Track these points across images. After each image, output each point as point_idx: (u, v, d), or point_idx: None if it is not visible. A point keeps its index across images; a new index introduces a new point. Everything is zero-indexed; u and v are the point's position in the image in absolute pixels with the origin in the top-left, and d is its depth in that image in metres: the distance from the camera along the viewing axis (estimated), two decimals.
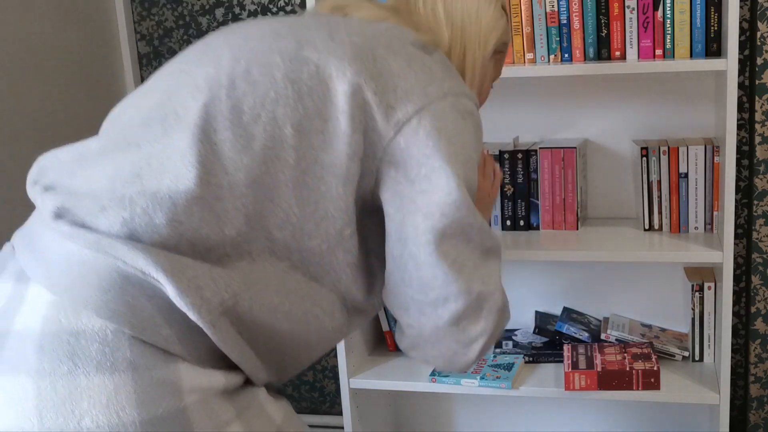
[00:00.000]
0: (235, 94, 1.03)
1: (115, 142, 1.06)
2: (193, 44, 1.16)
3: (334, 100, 1.02)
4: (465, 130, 1.07)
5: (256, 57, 1.06)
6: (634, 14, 1.87)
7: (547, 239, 2.00)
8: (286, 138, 1.01)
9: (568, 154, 2.00)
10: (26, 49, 2.09)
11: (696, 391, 1.92)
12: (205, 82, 1.05)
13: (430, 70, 1.08)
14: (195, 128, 1.01)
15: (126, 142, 1.05)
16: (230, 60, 1.06)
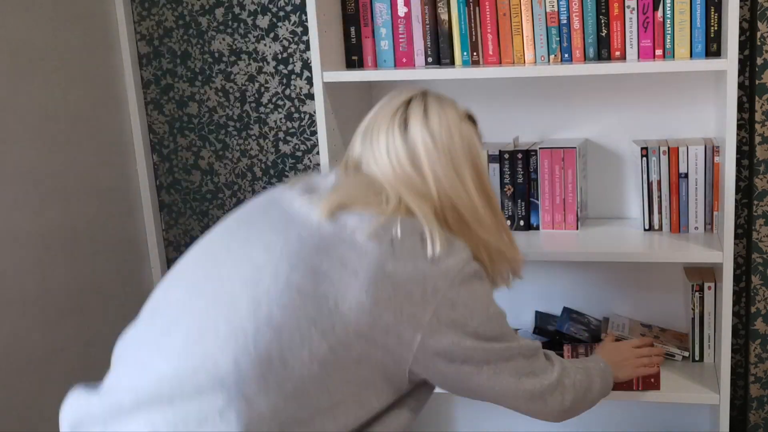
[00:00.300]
0: (261, 343, 1.12)
1: (148, 396, 1.14)
2: (195, 249, 1.29)
3: (356, 330, 1.14)
4: (476, 298, 1.25)
5: (276, 298, 1.15)
6: (634, 14, 1.88)
7: (547, 239, 2.00)
8: (315, 374, 1.12)
9: (568, 154, 2.00)
10: (26, 49, 2.09)
11: (696, 391, 1.92)
12: (228, 328, 1.14)
13: (438, 263, 1.21)
14: (229, 387, 1.10)
15: (158, 395, 1.13)
16: (249, 303, 1.15)
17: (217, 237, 1.31)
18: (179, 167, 2.50)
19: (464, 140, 1.33)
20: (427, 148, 1.29)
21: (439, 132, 1.31)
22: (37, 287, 2.13)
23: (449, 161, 1.30)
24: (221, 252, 1.27)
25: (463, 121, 1.36)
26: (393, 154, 1.30)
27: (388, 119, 1.33)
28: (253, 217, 1.31)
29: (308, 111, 2.36)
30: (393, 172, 1.29)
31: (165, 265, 2.57)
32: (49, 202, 2.17)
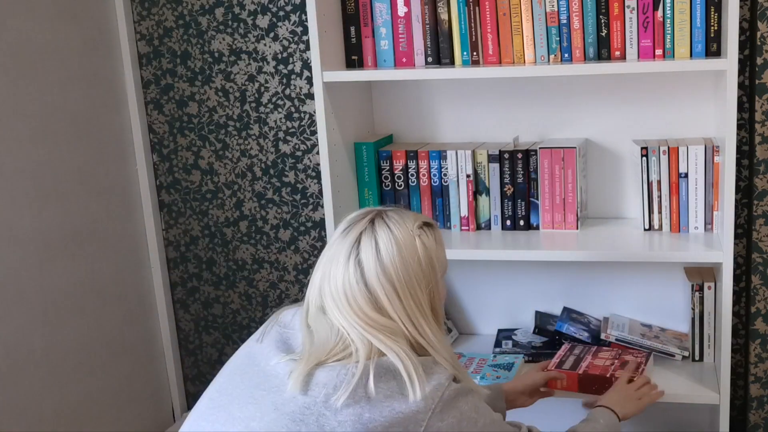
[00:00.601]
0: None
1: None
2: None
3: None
4: (462, 418, 1.29)
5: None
6: (634, 14, 1.87)
7: (547, 239, 2.00)
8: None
9: (568, 154, 2.00)
10: (26, 49, 2.09)
11: (696, 391, 1.92)
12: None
13: (415, 397, 1.25)
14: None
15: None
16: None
17: (207, 410, 1.36)
18: (179, 167, 2.50)
19: (421, 263, 1.36)
20: (387, 292, 1.32)
21: (395, 269, 1.33)
22: (37, 287, 2.13)
23: (410, 298, 1.34)
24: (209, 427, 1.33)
25: (417, 237, 1.37)
26: (354, 304, 1.32)
27: (342, 264, 1.34)
28: (232, 386, 1.36)
29: (308, 111, 2.36)
30: (359, 320, 1.32)
31: (165, 265, 2.57)
32: (49, 202, 2.17)
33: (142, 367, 2.53)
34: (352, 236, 1.36)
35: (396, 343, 1.30)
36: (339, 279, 1.34)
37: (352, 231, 1.37)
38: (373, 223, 1.37)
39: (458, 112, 2.21)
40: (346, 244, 1.36)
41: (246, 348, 1.42)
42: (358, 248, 1.35)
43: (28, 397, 2.09)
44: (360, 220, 1.39)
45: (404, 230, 1.37)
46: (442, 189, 2.09)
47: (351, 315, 1.32)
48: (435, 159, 2.08)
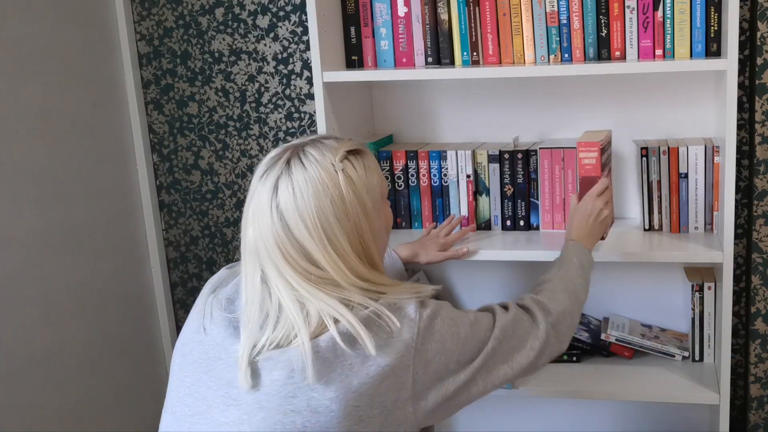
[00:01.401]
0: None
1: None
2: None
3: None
4: (443, 339, 1.26)
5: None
6: (634, 14, 1.87)
7: (547, 239, 2.00)
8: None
9: (568, 154, 2.00)
10: (26, 49, 2.09)
11: (696, 391, 1.92)
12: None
13: (389, 347, 1.22)
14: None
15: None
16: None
17: (187, 417, 1.29)
18: (179, 167, 2.50)
19: (345, 200, 1.26)
20: (315, 242, 1.23)
21: (315, 215, 1.23)
22: (37, 287, 2.13)
23: (338, 243, 1.25)
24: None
25: (341, 172, 1.27)
26: (290, 258, 1.23)
27: (267, 215, 1.24)
28: (204, 387, 1.27)
29: (308, 111, 2.36)
30: (300, 277, 1.24)
31: (165, 265, 2.57)
32: (49, 202, 2.17)
33: (142, 367, 2.53)
34: (270, 182, 1.26)
35: (342, 299, 1.23)
36: (268, 232, 1.24)
37: (270, 175, 1.26)
38: (288, 164, 1.26)
39: (458, 112, 2.21)
40: (265, 191, 1.26)
41: (196, 338, 1.31)
42: (277, 195, 1.24)
43: (28, 397, 2.09)
44: (276, 162, 1.28)
45: (324, 167, 1.26)
46: (442, 189, 2.09)
47: (291, 272, 1.23)
48: (435, 159, 2.08)
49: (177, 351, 1.34)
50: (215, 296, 1.34)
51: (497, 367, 1.32)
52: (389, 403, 1.21)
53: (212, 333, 1.29)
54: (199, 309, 1.34)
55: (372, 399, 1.20)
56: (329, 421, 1.18)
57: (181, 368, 1.31)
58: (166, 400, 1.33)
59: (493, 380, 1.32)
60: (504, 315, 1.38)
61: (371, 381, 1.19)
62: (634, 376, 2.01)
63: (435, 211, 2.11)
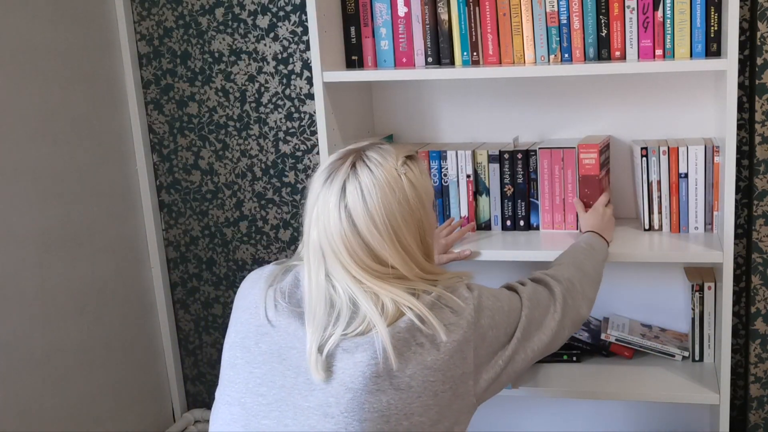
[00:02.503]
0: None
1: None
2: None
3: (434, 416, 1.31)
4: (494, 314, 1.38)
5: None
6: (634, 14, 1.87)
7: (547, 239, 2.00)
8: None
9: (567, 154, 2.00)
10: (26, 49, 2.09)
11: (696, 391, 1.92)
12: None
13: (466, 326, 1.33)
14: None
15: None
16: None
17: (264, 408, 1.32)
18: (179, 167, 2.50)
19: (410, 201, 1.34)
20: (381, 240, 1.31)
21: (384, 214, 1.31)
22: (37, 287, 2.13)
23: (403, 240, 1.33)
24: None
25: (403, 175, 1.34)
26: (356, 257, 1.31)
27: (335, 216, 1.31)
28: (283, 379, 1.31)
29: (308, 111, 2.36)
30: (367, 274, 1.31)
31: (165, 265, 2.57)
32: (49, 202, 2.17)
33: (142, 367, 2.53)
34: (337, 185, 1.32)
35: (408, 289, 1.32)
36: (335, 233, 1.31)
37: (336, 179, 1.33)
38: (354, 167, 1.33)
39: (458, 112, 2.21)
40: (332, 194, 1.32)
41: (261, 331, 1.34)
42: (345, 197, 1.31)
43: (28, 397, 2.09)
44: (340, 166, 1.34)
45: (388, 170, 1.33)
46: (443, 189, 2.09)
47: (357, 269, 1.30)
48: (435, 159, 2.08)
49: (237, 345, 1.36)
50: (275, 290, 1.37)
51: (533, 335, 1.44)
52: (456, 377, 1.30)
53: (281, 324, 1.33)
54: (256, 302, 1.37)
55: (444, 374, 1.29)
56: (410, 397, 1.26)
57: (248, 361, 1.33)
58: (228, 394, 1.35)
59: (532, 347, 1.44)
60: (525, 288, 1.50)
61: (442, 357, 1.28)
62: (634, 376, 2.01)
63: (435, 211, 2.11)
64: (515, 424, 2.37)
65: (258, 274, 1.43)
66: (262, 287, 1.38)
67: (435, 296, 1.33)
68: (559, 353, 2.09)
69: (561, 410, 2.34)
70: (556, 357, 2.09)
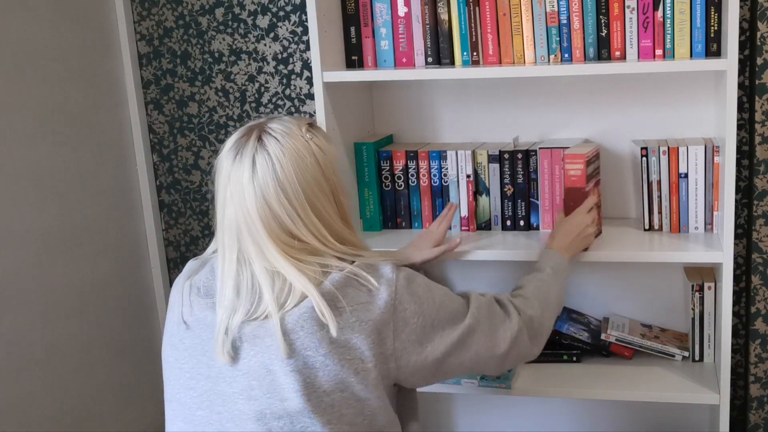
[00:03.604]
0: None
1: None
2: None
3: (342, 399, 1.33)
4: (420, 300, 1.36)
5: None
6: (634, 14, 1.87)
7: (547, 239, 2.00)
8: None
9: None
10: (26, 49, 2.09)
11: (696, 391, 1.92)
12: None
13: (385, 307, 1.32)
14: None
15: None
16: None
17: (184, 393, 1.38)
18: (179, 167, 2.50)
19: (322, 168, 1.34)
20: (295, 213, 1.31)
21: (297, 184, 1.30)
22: (37, 287, 2.13)
23: (319, 210, 1.33)
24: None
25: (311, 141, 1.34)
26: (273, 233, 1.30)
27: (250, 192, 1.30)
28: (200, 366, 1.35)
29: (308, 111, 2.36)
30: (281, 252, 1.30)
31: (165, 265, 2.57)
32: (49, 202, 2.17)
33: (142, 367, 2.53)
34: (248, 160, 1.31)
35: (321, 264, 1.31)
36: (251, 208, 1.30)
37: (245, 155, 1.32)
38: (261, 140, 1.32)
39: (458, 112, 2.21)
40: (244, 170, 1.31)
41: (182, 328, 1.37)
42: (256, 170, 1.30)
43: (28, 397, 2.09)
44: (246, 142, 1.33)
45: (296, 138, 1.33)
46: (442, 189, 2.09)
47: (271, 247, 1.29)
48: (435, 159, 2.08)
49: (166, 344, 1.41)
50: (191, 285, 1.39)
51: (473, 346, 1.41)
52: (376, 356, 1.30)
53: (198, 318, 1.35)
54: (177, 300, 1.41)
55: (362, 353, 1.29)
56: (329, 373, 1.27)
57: (176, 358, 1.37)
58: (167, 392, 1.40)
59: (470, 357, 1.41)
60: (480, 298, 1.47)
61: (357, 336, 1.28)
62: (634, 376, 2.01)
63: (435, 211, 2.11)
64: (515, 424, 2.37)
65: (177, 278, 1.47)
66: (180, 285, 1.41)
67: (349, 271, 1.31)
68: (559, 353, 2.09)
69: (561, 410, 2.34)
70: (556, 357, 2.09)
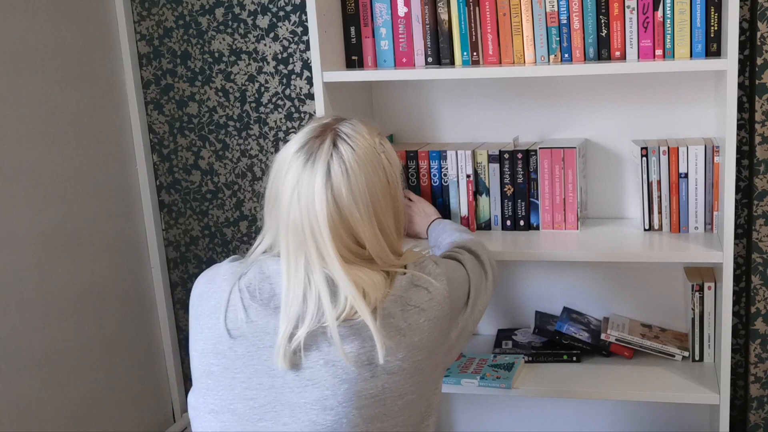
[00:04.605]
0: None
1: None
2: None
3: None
4: (458, 277, 1.45)
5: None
6: (634, 14, 1.87)
7: (547, 239, 2.00)
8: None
9: (568, 154, 2.00)
10: (26, 49, 2.09)
11: (696, 391, 1.92)
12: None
13: (441, 299, 1.36)
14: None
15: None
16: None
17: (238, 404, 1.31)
18: (179, 167, 2.50)
19: (389, 179, 1.34)
20: (368, 223, 1.30)
21: (367, 195, 1.29)
22: (37, 287, 2.13)
23: (382, 221, 1.33)
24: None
25: (382, 154, 1.34)
26: (338, 240, 1.28)
27: (320, 198, 1.27)
28: (260, 375, 1.29)
29: (308, 111, 2.36)
30: (342, 260, 1.28)
31: (165, 265, 2.57)
32: (49, 202, 2.17)
33: (142, 367, 2.53)
34: (321, 165, 1.28)
35: (383, 272, 1.31)
36: (320, 215, 1.27)
37: (318, 159, 1.28)
38: (336, 146, 1.29)
39: (458, 112, 2.21)
40: (317, 175, 1.27)
41: (233, 335, 1.30)
42: (330, 177, 1.27)
43: (28, 397, 2.09)
44: (320, 145, 1.29)
45: (368, 148, 1.31)
46: (443, 189, 2.09)
47: (336, 255, 1.26)
48: (435, 159, 2.08)
49: (209, 352, 1.31)
50: (240, 290, 1.32)
51: (479, 300, 1.48)
52: (436, 349, 1.34)
53: (253, 324, 1.29)
54: (220, 305, 1.32)
55: (428, 351, 1.32)
56: (402, 378, 1.28)
57: (226, 367, 1.30)
58: (211, 403, 1.31)
59: (480, 309, 1.49)
60: (465, 258, 1.52)
61: (426, 335, 1.31)
62: (634, 376, 2.01)
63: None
64: (515, 424, 2.37)
65: (212, 276, 1.38)
66: (225, 289, 1.33)
67: (410, 277, 1.33)
68: (559, 353, 2.09)
69: (561, 410, 2.34)
70: (556, 357, 2.09)
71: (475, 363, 2.08)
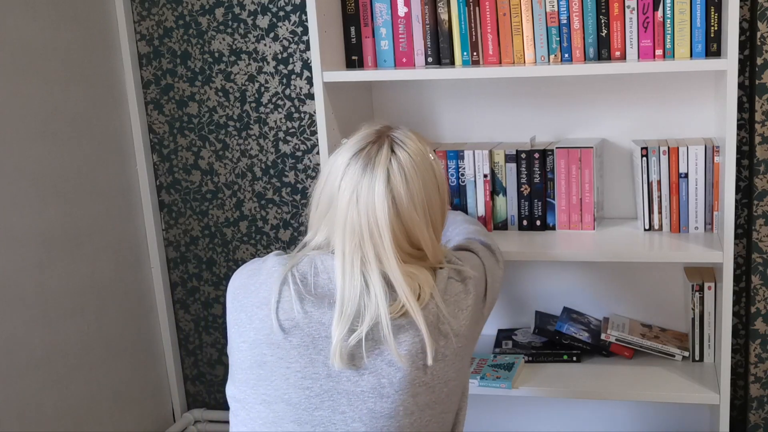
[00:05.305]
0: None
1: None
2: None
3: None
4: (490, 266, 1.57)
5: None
6: (634, 14, 1.88)
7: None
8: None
9: (585, 154, 1.99)
10: (26, 49, 2.09)
11: (696, 391, 1.92)
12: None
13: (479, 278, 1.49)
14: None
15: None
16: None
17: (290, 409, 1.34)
18: (179, 167, 2.50)
19: (438, 187, 1.42)
20: (420, 223, 1.36)
21: (423, 198, 1.36)
22: (37, 287, 2.13)
23: (432, 223, 1.40)
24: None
25: (434, 162, 1.42)
26: (396, 243, 1.33)
27: (381, 203, 1.33)
28: (315, 365, 1.32)
29: (308, 111, 2.36)
30: (398, 261, 1.33)
31: (165, 265, 2.57)
32: (49, 202, 2.17)
33: (142, 367, 2.53)
34: (381, 171, 1.34)
35: (430, 268, 1.39)
36: (381, 218, 1.32)
37: (378, 165, 1.34)
38: (394, 152, 1.36)
39: (458, 112, 2.21)
40: (378, 180, 1.33)
41: (287, 326, 1.32)
42: (390, 183, 1.33)
43: (28, 397, 2.09)
44: (378, 150, 1.35)
45: (423, 155, 1.39)
46: (460, 189, 2.09)
47: (393, 255, 1.32)
48: (452, 159, 2.08)
49: (261, 342, 1.33)
50: (294, 282, 1.34)
51: (495, 285, 1.55)
52: (471, 336, 1.42)
53: (308, 316, 1.32)
54: (271, 296, 1.34)
55: (467, 338, 1.40)
56: (446, 365, 1.35)
57: (280, 357, 1.32)
58: (263, 393, 1.33)
59: (494, 296, 1.54)
60: (479, 249, 1.58)
61: (464, 323, 1.39)
62: (634, 376, 2.01)
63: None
64: (515, 424, 2.37)
65: (256, 269, 1.40)
66: (275, 281, 1.35)
67: (447, 272, 1.40)
68: (559, 353, 2.09)
69: (561, 410, 2.34)
70: (556, 357, 2.09)
71: (475, 363, 2.08)
